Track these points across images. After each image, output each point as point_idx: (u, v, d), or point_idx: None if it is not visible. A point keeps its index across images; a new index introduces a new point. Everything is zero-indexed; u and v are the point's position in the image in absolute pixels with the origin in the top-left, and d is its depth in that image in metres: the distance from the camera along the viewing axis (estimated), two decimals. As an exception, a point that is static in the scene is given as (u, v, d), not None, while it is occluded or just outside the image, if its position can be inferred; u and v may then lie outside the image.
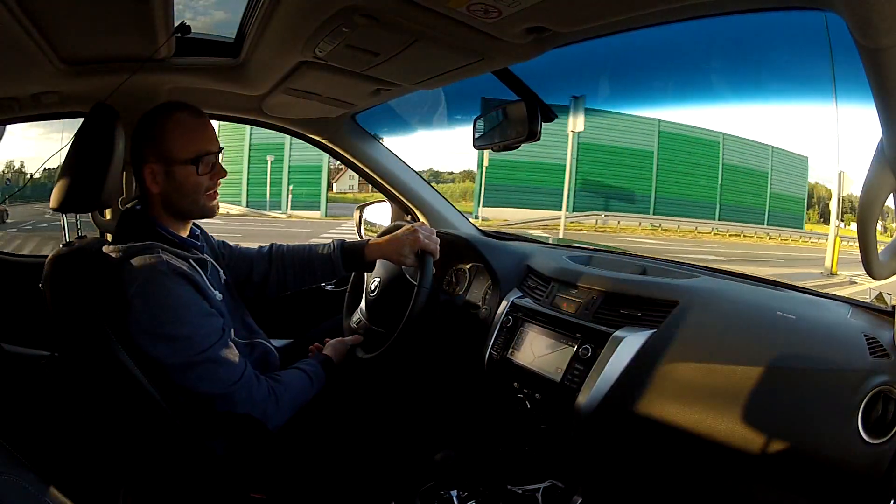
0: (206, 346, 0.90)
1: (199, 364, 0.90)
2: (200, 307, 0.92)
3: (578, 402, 1.00)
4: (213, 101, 1.39)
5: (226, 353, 0.92)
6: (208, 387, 0.91)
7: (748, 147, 18.94)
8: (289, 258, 1.24)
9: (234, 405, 0.92)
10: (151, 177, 0.96)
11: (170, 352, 0.88)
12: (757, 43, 2.95)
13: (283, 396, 0.99)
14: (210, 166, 0.98)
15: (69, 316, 0.89)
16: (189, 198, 0.98)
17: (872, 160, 0.62)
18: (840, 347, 0.84)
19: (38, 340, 1.29)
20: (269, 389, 0.97)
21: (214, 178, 1.00)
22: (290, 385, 1.03)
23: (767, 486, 0.84)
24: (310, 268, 1.23)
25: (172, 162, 0.95)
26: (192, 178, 0.96)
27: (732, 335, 0.91)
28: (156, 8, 0.88)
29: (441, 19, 0.79)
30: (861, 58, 0.53)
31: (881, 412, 0.76)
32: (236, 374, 0.93)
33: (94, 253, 0.95)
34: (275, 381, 1.01)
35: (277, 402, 0.98)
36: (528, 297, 1.28)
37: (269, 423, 0.96)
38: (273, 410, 0.97)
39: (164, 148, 0.96)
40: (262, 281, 1.23)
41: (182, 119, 0.97)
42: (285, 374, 1.05)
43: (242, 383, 0.93)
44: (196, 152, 0.96)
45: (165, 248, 0.92)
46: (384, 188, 1.72)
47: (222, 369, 0.91)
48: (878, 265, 0.69)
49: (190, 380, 0.90)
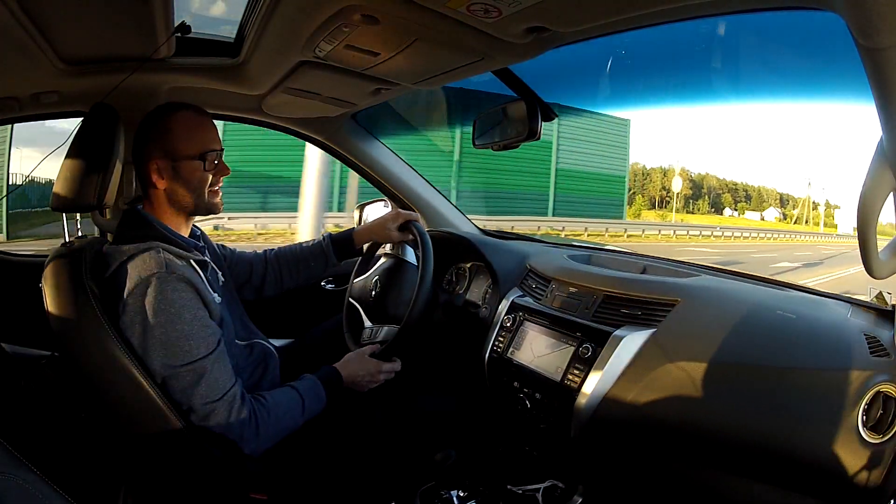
0: (195, 357, 0.88)
1: (182, 375, 0.88)
2: (195, 315, 0.90)
3: (578, 402, 1.00)
4: (212, 101, 1.39)
5: (214, 368, 0.90)
6: (185, 398, 0.88)
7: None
8: (283, 257, 1.30)
9: (208, 422, 0.89)
10: (157, 173, 0.97)
11: (156, 356, 0.87)
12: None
13: (266, 423, 0.95)
14: (214, 164, 1.00)
15: (68, 315, 0.89)
16: (195, 192, 0.99)
17: (872, 160, 0.62)
18: (840, 347, 0.84)
19: (38, 340, 1.29)
20: (250, 414, 0.93)
21: (218, 176, 1.02)
22: (276, 411, 0.97)
23: (767, 485, 0.84)
24: (304, 263, 1.30)
25: (179, 157, 0.97)
26: (198, 172, 0.98)
27: (733, 334, 0.91)
28: (156, 8, 0.88)
29: (441, 19, 0.79)
30: (861, 58, 0.53)
31: (881, 411, 0.77)
32: (218, 393, 0.90)
33: (93, 253, 0.95)
34: (260, 404, 0.96)
35: (258, 429, 0.93)
36: (529, 296, 1.28)
37: (246, 448, 0.93)
38: (251, 435, 0.93)
39: (171, 144, 0.97)
40: (260, 282, 1.28)
41: (187, 116, 0.99)
42: (276, 396, 1.00)
43: (223, 401, 0.90)
44: (202, 148, 0.98)
45: (166, 248, 0.92)
46: (384, 187, 1.72)
47: (203, 384, 0.89)
48: (878, 264, 0.69)
49: (171, 388, 0.88)
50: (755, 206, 43.11)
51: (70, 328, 0.89)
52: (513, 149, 1.17)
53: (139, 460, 0.95)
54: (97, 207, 0.98)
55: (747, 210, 42.30)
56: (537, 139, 1.09)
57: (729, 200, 42.02)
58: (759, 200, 43.89)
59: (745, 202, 42.46)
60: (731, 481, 0.88)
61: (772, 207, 42.82)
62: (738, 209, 40.85)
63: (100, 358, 0.88)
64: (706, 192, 39.54)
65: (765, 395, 0.83)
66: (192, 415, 0.90)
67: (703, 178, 38.12)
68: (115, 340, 0.87)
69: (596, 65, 1.26)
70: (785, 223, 38.82)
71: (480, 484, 1.12)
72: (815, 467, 0.79)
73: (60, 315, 0.90)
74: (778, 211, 42.08)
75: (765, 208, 42.60)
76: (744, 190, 43.85)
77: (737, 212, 40.12)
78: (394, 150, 1.72)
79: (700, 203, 39.47)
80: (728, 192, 41.94)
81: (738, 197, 42.32)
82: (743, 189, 44.23)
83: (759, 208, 43.00)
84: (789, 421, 0.81)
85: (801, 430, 0.80)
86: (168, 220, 0.99)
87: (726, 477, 0.89)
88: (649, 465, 1.01)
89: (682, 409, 0.91)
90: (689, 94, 5.08)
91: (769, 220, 40.15)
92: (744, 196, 43.36)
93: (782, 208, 43.06)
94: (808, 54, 1.34)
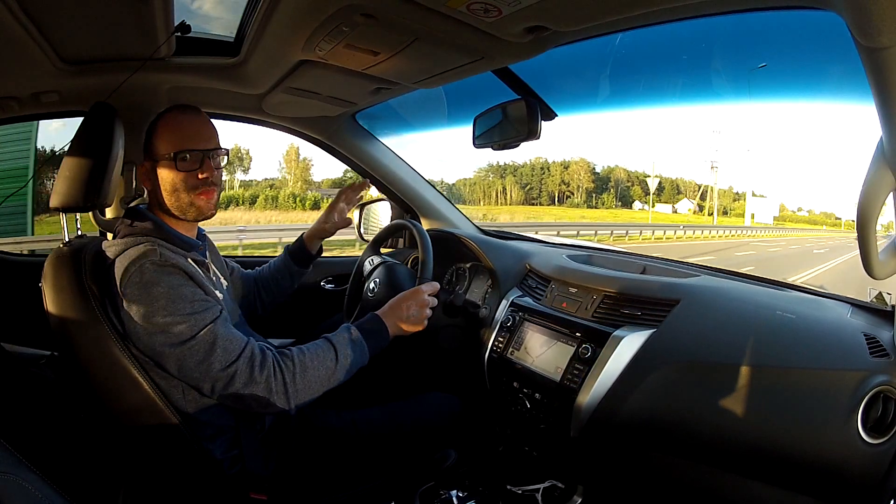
0: (201, 326, 0.87)
1: (195, 348, 0.86)
2: (194, 291, 0.89)
3: (578, 402, 1.00)
4: (213, 101, 1.40)
5: (223, 331, 0.88)
6: (204, 371, 0.86)
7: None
8: (260, 280, 1.33)
9: (233, 387, 0.87)
10: (144, 175, 0.98)
11: (164, 339, 0.86)
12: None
13: (292, 373, 0.90)
14: (195, 163, 0.96)
15: (68, 315, 0.89)
16: (172, 195, 0.96)
17: (872, 160, 0.62)
18: (840, 347, 0.84)
19: (38, 340, 1.29)
20: (274, 365, 0.90)
21: (201, 176, 0.96)
22: (302, 359, 0.93)
23: (768, 485, 0.84)
24: (274, 282, 1.33)
25: (157, 158, 0.96)
26: (171, 173, 0.95)
27: (732, 334, 0.91)
28: (156, 7, 0.88)
29: (440, 18, 0.79)
30: (861, 58, 0.53)
31: (881, 412, 0.77)
32: (235, 352, 0.88)
33: (93, 252, 0.94)
34: (283, 355, 0.92)
35: (285, 382, 0.89)
36: (528, 296, 1.28)
37: (279, 403, 0.89)
38: (279, 388, 0.89)
39: (151, 146, 0.97)
40: (253, 301, 1.31)
41: (172, 117, 0.97)
42: (303, 347, 0.95)
43: (243, 358, 0.88)
44: (176, 148, 0.95)
45: (163, 244, 0.91)
46: (384, 187, 1.72)
47: (219, 349, 0.87)
48: (878, 265, 0.69)
49: (188, 367, 0.86)
50: (668, 199, 40.85)
51: (70, 328, 0.89)
52: (511, 148, 1.17)
53: (139, 460, 0.95)
54: (97, 207, 0.97)
55: (658, 203, 40.00)
56: (537, 139, 1.09)
57: (639, 193, 39.98)
58: (674, 192, 41.54)
59: (655, 195, 40.05)
60: (730, 481, 0.88)
61: (685, 199, 40.48)
62: (646, 202, 38.91)
63: (100, 358, 0.88)
64: (613, 184, 36.91)
65: (764, 396, 0.83)
66: (216, 386, 0.87)
67: (610, 170, 36.19)
68: (115, 340, 0.87)
69: (582, 66, 1.26)
70: (699, 216, 36.92)
71: (480, 484, 1.12)
72: (814, 467, 0.79)
73: (60, 315, 0.90)
74: (692, 202, 39.93)
75: (678, 199, 40.50)
76: (657, 181, 41.32)
77: (647, 205, 38.41)
78: (393, 150, 1.72)
79: (605, 196, 37.91)
80: (638, 185, 40.11)
81: (648, 189, 39.48)
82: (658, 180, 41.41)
83: (673, 200, 40.77)
84: (788, 421, 0.81)
85: (801, 431, 0.80)
86: (168, 220, 0.99)
87: (726, 477, 0.89)
88: (649, 465, 1.01)
89: (681, 409, 0.91)
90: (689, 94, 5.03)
91: (682, 212, 37.96)
92: (657, 187, 40.91)
93: (699, 199, 40.69)
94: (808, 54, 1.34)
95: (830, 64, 1.19)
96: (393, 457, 1.11)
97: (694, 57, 1.42)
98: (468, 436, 1.24)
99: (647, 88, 2.03)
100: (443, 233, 1.64)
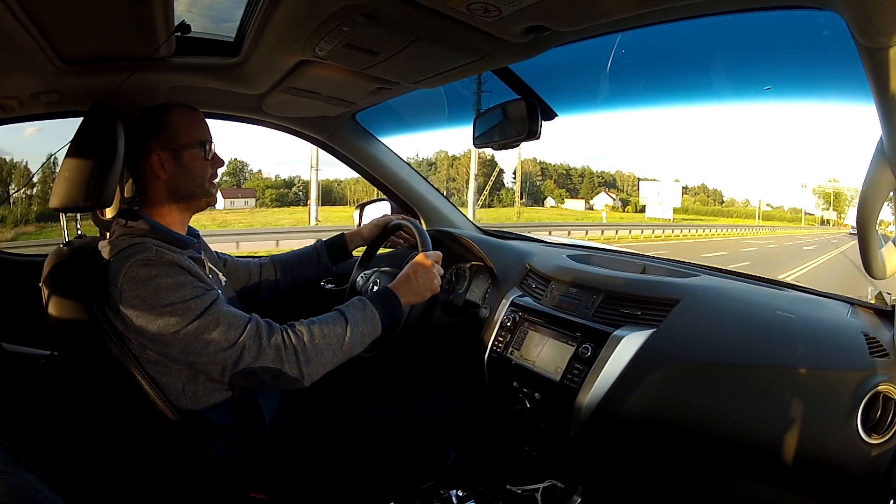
0: (202, 308, 0.87)
1: (199, 327, 0.86)
2: (192, 281, 0.89)
3: (578, 402, 1.00)
4: (212, 101, 1.39)
5: (225, 310, 0.89)
6: (212, 354, 0.86)
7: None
8: (279, 262, 1.33)
9: (243, 363, 0.86)
10: (160, 164, 0.97)
11: (167, 327, 0.85)
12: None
13: (302, 343, 0.90)
14: (211, 154, 1.02)
15: (68, 315, 0.89)
16: (197, 181, 1.00)
17: (872, 159, 0.62)
18: (839, 347, 0.84)
19: (38, 340, 1.29)
20: (282, 336, 0.90)
21: (214, 167, 1.03)
22: (311, 329, 0.92)
23: (767, 485, 0.84)
24: (299, 265, 1.34)
25: (180, 146, 0.98)
26: (199, 160, 1.00)
27: (732, 334, 0.91)
28: (156, 7, 0.88)
29: (440, 18, 0.79)
30: (861, 58, 0.53)
31: (880, 412, 0.77)
32: (240, 328, 0.87)
33: (93, 253, 0.94)
34: (290, 326, 0.92)
35: (296, 352, 0.89)
36: (529, 296, 1.28)
37: (291, 374, 0.88)
38: (290, 359, 0.88)
39: (171, 134, 0.98)
40: (255, 287, 1.30)
41: (181, 110, 1.01)
42: (312, 319, 0.95)
43: (248, 333, 0.87)
44: (201, 137, 1.00)
45: (159, 244, 0.91)
46: (384, 187, 1.72)
47: (223, 326, 0.87)
48: (878, 265, 0.69)
49: (195, 352, 0.86)
50: (584, 194, 39.28)
51: (70, 328, 0.89)
52: (511, 148, 1.17)
53: (139, 460, 0.95)
54: (97, 207, 0.97)
55: (567, 199, 38.68)
56: (537, 139, 1.09)
57: (550, 188, 38.52)
58: (591, 187, 39.66)
59: (567, 192, 38.67)
60: (730, 481, 0.88)
61: (602, 193, 39.08)
62: (556, 197, 37.70)
63: (99, 358, 0.88)
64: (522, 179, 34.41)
65: (764, 396, 0.83)
66: (226, 366, 0.87)
67: (520, 163, 32.60)
68: (115, 340, 0.87)
69: (584, 66, 1.25)
70: (617, 212, 35.69)
71: (480, 484, 1.13)
72: (814, 467, 0.79)
73: (60, 315, 0.90)
74: (610, 197, 38.59)
75: (595, 195, 39.08)
76: (580, 175, 39.56)
77: (553, 200, 37.21)
78: (393, 150, 1.72)
79: (503, 193, 35.71)
80: (551, 179, 38.47)
81: (566, 184, 37.91)
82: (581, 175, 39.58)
83: (588, 196, 39.26)
84: (788, 421, 0.81)
85: (800, 431, 0.80)
86: (165, 216, 0.99)
87: (726, 477, 0.89)
88: (649, 465, 1.01)
89: (681, 408, 0.91)
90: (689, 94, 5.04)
91: (598, 207, 36.57)
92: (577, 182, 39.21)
93: (618, 192, 39.22)
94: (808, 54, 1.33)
95: (830, 64, 1.19)
96: (393, 457, 1.11)
97: (694, 57, 1.43)
98: (468, 436, 1.24)
99: (647, 88, 2.04)
100: (443, 232, 1.64)
